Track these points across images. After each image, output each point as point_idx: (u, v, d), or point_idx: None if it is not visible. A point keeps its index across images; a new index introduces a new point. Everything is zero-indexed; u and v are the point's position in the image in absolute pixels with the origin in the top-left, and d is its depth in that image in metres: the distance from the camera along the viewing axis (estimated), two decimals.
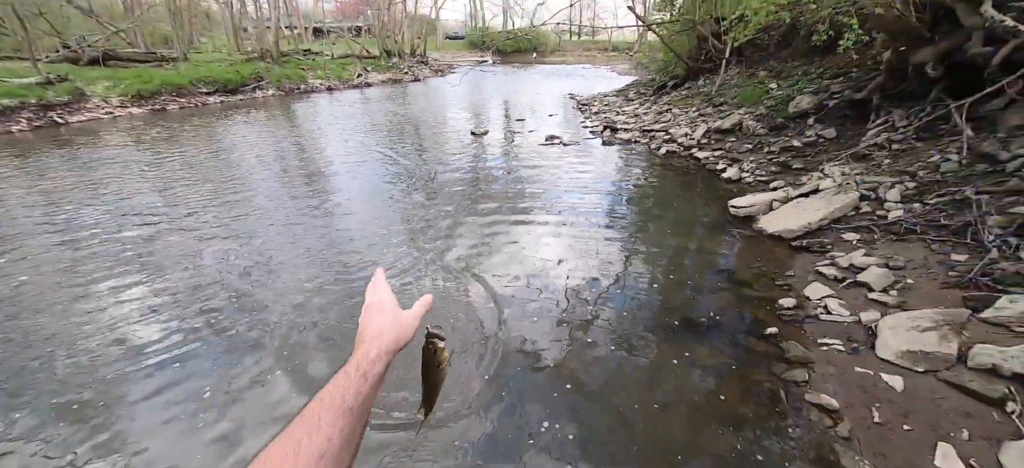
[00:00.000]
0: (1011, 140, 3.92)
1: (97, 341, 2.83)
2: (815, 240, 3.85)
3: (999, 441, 1.85)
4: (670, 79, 12.93)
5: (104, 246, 4.12)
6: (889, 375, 2.28)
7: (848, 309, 2.87)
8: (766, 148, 6.41)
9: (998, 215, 3.24)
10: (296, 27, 31.82)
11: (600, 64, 34.04)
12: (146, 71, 13.55)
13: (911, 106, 5.32)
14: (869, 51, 6.65)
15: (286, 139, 8.94)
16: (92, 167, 6.61)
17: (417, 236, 4.43)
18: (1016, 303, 2.45)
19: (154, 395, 2.43)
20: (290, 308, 3.19)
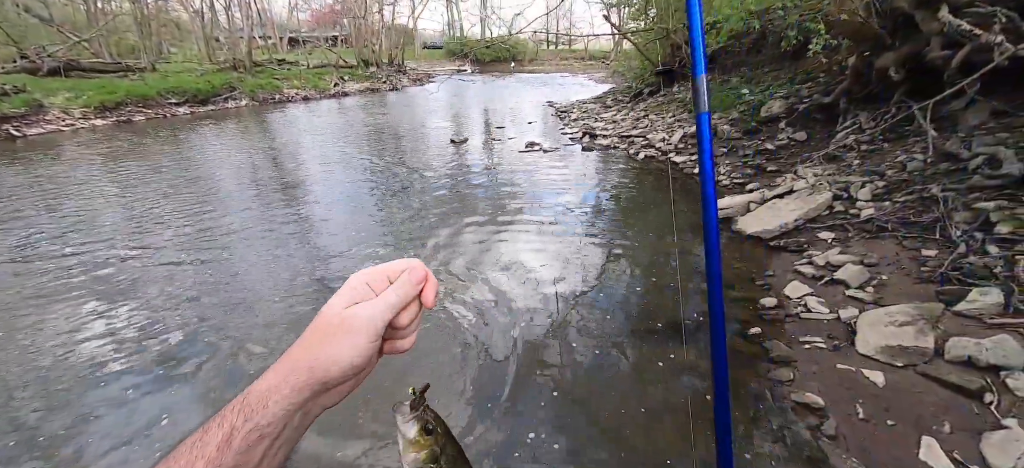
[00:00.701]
0: (972, 139, 4.07)
1: (48, 366, 2.63)
2: (792, 239, 3.91)
3: (980, 432, 1.87)
4: (646, 86, 13.18)
5: (57, 268, 3.87)
6: (870, 371, 2.29)
7: (827, 307, 2.90)
8: (741, 152, 6.54)
9: (964, 211, 3.35)
10: (270, 37, 31.26)
11: (578, 72, 34.53)
12: (110, 81, 13.05)
13: (877, 108, 5.51)
14: (836, 56, 6.89)
15: (259, 150, 8.69)
16: (48, 182, 6.27)
17: (397, 247, 4.32)
18: (986, 295, 2.52)
19: (107, 422, 2.26)
20: (259, 329, 3.04)
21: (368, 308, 0.42)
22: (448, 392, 2.44)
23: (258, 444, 0.37)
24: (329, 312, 0.42)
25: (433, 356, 2.72)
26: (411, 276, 0.46)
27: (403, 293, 0.45)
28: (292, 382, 0.39)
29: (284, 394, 0.39)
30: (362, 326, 0.41)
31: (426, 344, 2.81)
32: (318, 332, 0.42)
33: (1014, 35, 3.66)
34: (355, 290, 0.44)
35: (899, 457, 1.85)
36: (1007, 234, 2.97)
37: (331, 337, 0.41)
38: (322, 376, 0.40)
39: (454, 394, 2.43)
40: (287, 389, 0.39)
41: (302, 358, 0.40)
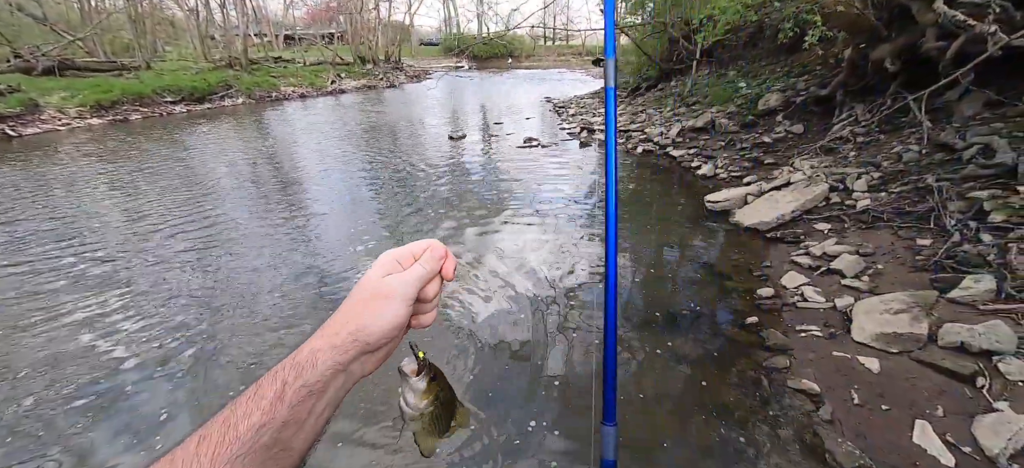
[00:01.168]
0: (966, 129, 4.11)
1: (48, 364, 2.65)
2: (789, 231, 3.94)
3: (972, 415, 1.90)
4: (644, 80, 13.17)
5: (55, 266, 3.88)
6: (865, 357, 2.33)
7: (823, 296, 2.94)
8: (738, 145, 6.57)
9: (958, 200, 3.38)
10: (266, 35, 31.10)
11: (575, 68, 34.47)
12: (106, 80, 12.98)
13: (872, 100, 5.54)
14: (832, 49, 6.91)
15: (257, 148, 8.68)
16: (45, 181, 6.25)
17: (397, 244, 4.34)
18: (979, 283, 2.55)
19: (107, 418, 2.28)
20: (259, 326, 3.06)
21: (401, 276, 0.47)
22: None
23: (307, 400, 0.40)
24: (366, 283, 0.47)
25: (432, 346, 2.74)
26: (433, 252, 0.50)
27: (429, 267, 0.49)
28: (336, 343, 0.43)
29: (329, 354, 0.42)
30: (398, 291, 0.46)
31: (424, 336, 2.83)
32: (358, 300, 0.46)
33: (1007, 25, 3.69)
34: (385, 265, 0.48)
35: (893, 440, 1.89)
36: (1000, 222, 3.01)
37: (370, 303, 0.45)
38: (364, 338, 0.44)
39: (453, 383, 2.45)
40: (332, 350, 0.42)
41: (345, 323, 0.44)
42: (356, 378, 0.46)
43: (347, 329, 0.44)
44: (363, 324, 0.44)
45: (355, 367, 0.45)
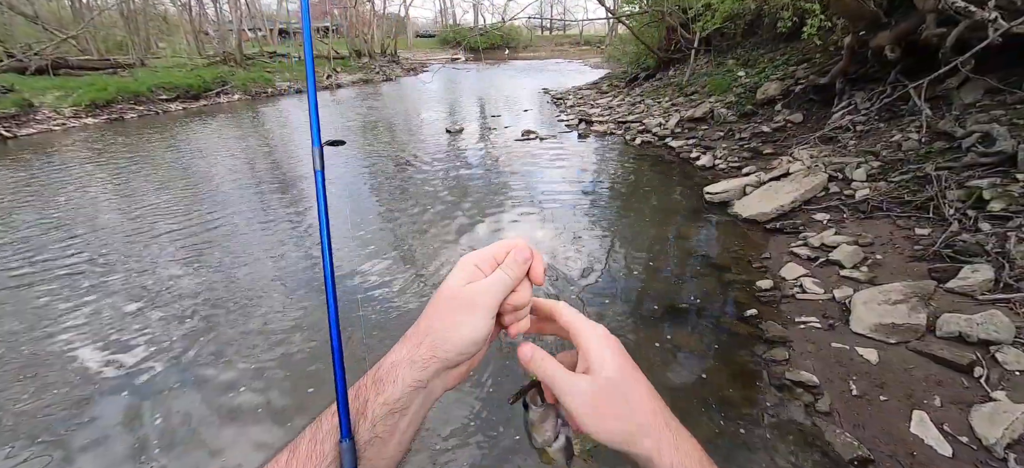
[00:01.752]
0: (966, 117, 4.10)
1: (42, 365, 2.66)
2: (788, 222, 3.94)
3: (969, 405, 1.92)
4: (642, 70, 13.10)
5: (56, 266, 3.88)
6: (864, 348, 2.34)
7: (822, 287, 2.95)
8: (737, 135, 6.55)
9: (957, 189, 3.38)
10: (260, 29, 30.84)
11: (572, 58, 34.24)
12: (100, 79, 12.88)
13: (872, 88, 5.52)
14: (831, 37, 6.86)
15: (254, 145, 8.64)
16: (43, 183, 6.23)
17: (395, 238, 4.33)
18: (978, 272, 2.56)
19: (103, 422, 2.29)
20: (256, 327, 3.07)
21: (483, 284, 0.43)
22: None
23: (388, 418, 0.39)
24: (447, 291, 0.43)
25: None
26: (517, 256, 0.45)
27: (513, 273, 0.44)
28: (415, 358, 0.41)
29: (409, 370, 0.40)
30: (479, 301, 0.42)
31: None
32: (437, 309, 0.43)
33: (1008, 12, 3.66)
34: (466, 271, 0.44)
35: (891, 431, 1.91)
36: (999, 211, 3.01)
37: (449, 314, 0.42)
38: (442, 354, 0.41)
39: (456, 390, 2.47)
40: (411, 365, 0.40)
41: (424, 334, 0.42)
42: (438, 395, 0.43)
43: (426, 342, 0.41)
44: (441, 337, 0.41)
45: (436, 383, 0.42)
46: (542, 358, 0.44)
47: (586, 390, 0.41)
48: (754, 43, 10.00)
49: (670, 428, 0.40)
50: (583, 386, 0.41)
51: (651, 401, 0.41)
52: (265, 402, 2.37)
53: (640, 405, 0.41)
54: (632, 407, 0.41)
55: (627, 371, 0.42)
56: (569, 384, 0.42)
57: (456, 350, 0.41)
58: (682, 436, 0.41)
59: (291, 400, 2.38)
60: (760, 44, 9.72)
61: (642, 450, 0.40)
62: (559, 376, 0.43)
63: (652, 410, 0.41)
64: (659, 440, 0.40)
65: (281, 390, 2.45)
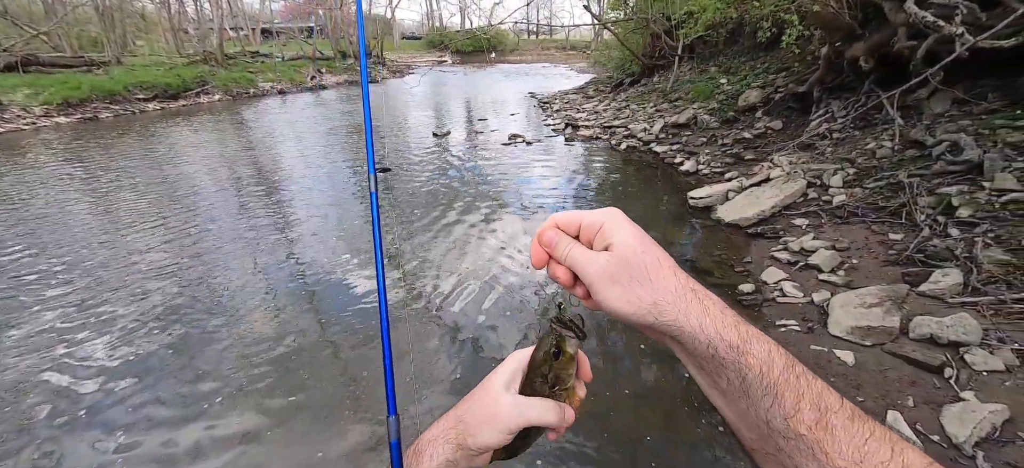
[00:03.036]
0: (935, 126, 4.26)
1: (12, 378, 2.56)
2: (768, 226, 4.04)
3: (940, 405, 1.99)
4: (627, 76, 13.28)
5: (23, 271, 3.74)
6: (841, 350, 2.41)
7: (801, 291, 3.03)
8: (720, 140, 6.69)
9: (928, 196, 3.52)
10: (242, 29, 30.29)
11: (559, 63, 34.48)
12: (73, 77, 12.48)
13: (848, 97, 5.70)
14: (808, 47, 7.06)
15: (235, 147, 8.47)
16: (9, 185, 6.00)
17: (383, 246, 4.30)
18: (948, 276, 2.66)
19: (81, 432, 2.22)
20: (234, 339, 3.01)
21: (519, 407, 0.47)
22: (435, 382, 2.47)
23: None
24: (489, 387, 0.48)
25: (420, 345, 2.74)
26: (564, 415, 0.49)
27: (548, 418, 0.48)
28: (448, 438, 0.47)
29: (442, 448, 0.46)
30: (505, 419, 0.46)
31: (415, 339, 2.83)
32: (473, 404, 0.49)
33: (974, 27, 3.82)
34: (510, 372, 0.49)
35: None
36: (967, 218, 3.14)
37: (480, 415, 0.47)
38: (466, 448, 0.47)
39: (442, 384, 2.46)
40: (445, 444, 0.47)
41: (457, 423, 0.48)
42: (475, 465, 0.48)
43: (457, 429, 0.47)
44: (467, 432, 0.47)
45: (468, 462, 0.47)
46: (564, 241, 0.43)
47: (606, 264, 0.40)
48: (736, 51, 10.23)
49: (696, 293, 0.39)
50: (602, 260, 0.40)
51: (671, 270, 0.40)
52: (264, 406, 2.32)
53: (660, 273, 0.39)
54: (652, 276, 0.39)
55: (645, 243, 0.40)
56: (589, 259, 0.41)
57: (478, 448, 0.46)
58: (710, 299, 0.39)
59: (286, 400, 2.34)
60: (742, 52, 9.95)
61: (668, 318, 0.38)
62: (579, 253, 0.42)
63: (673, 278, 0.39)
64: (685, 305, 0.38)
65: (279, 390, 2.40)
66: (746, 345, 0.36)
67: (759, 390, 0.36)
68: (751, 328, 0.38)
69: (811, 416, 0.34)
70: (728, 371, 0.37)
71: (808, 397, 0.35)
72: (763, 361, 0.36)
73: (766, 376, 0.36)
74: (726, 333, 0.37)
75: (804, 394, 0.35)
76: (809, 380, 0.35)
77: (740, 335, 0.37)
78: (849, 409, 0.34)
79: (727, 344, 0.37)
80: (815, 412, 0.34)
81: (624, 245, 0.40)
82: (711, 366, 0.38)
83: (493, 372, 0.49)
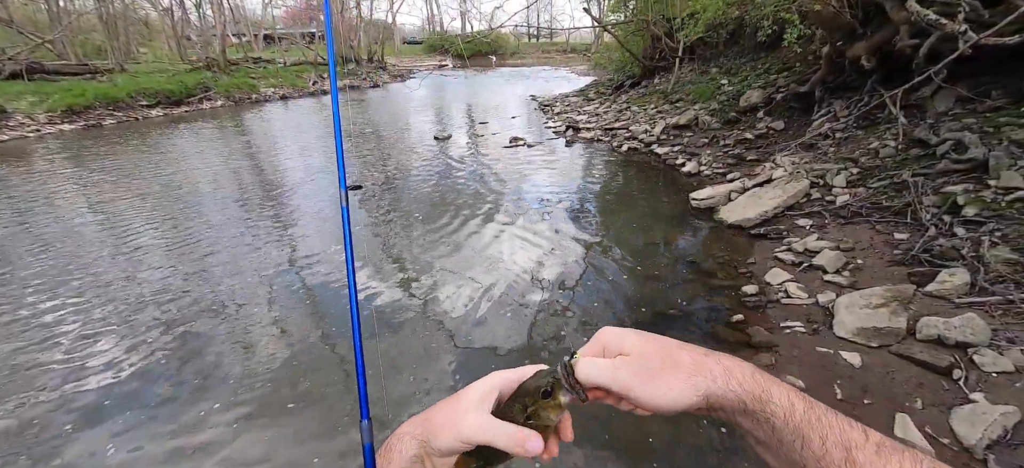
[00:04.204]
0: (939, 125, 4.23)
1: (20, 382, 2.56)
2: (772, 227, 4.01)
3: (949, 407, 1.96)
4: (628, 78, 13.26)
5: (29, 277, 3.74)
6: (847, 352, 2.38)
7: (806, 292, 3.00)
8: (721, 141, 6.66)
9: (933, 195, 3.48)
10: (244, 35, 30.46)
11: (559, 66, 34.51)
12: (77, 84, 12.55)
13: (850, 96, 5.67)
14: (810, 46, 7.04)
15: (238, 153, 8.49)
16: (15, 191, 6.03)
17: (382, 246, 4.29)
18: (954, 276, 2.63)
19: (82, 436, 2.21)
20: (239, 346, 3.00)
21: (479, 425, 0.46)
22: (438, 386, 2.45)
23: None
24: (462, 397, 0.49)
25: (423, 346, 2.72)
26: (527, 444, 0.45)
27: (507, 444, 0.45)
28: (415, 435, 0.49)
29: (408, 444, 0.48)
30: (466, 430, 0.46)
31: (417, 341, 2.81)
32: (445, 409, 0.49)
33: (977, 23, 3.80)
34: (486, 390, 0.48)
35: None
36: (973, 216, 3.10)
37: (447, 421, 0.47)
38: (430, 444, 0.48)
39: (438, 384, 2.44)
40: (410, 440, 0.48)
41: (426, 423, 0.49)
42: None
43: (424, 428, 0.48)
44: (434, 434, 0.47)
45: (435, 462, 0.48)
46: (587, 361, 0.47)
47: (629, 366, 0.43)
48: (736, 52, 10.21)
49: (709, 357, 0.42)
50: (625, 366, 0.44)
51: (682, 350, 0.44)
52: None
53: (678, 357, 0.43)
54: (673, 359, 0.43)
55: (650, 338, 0.45)
56: (613, 369, 0.44)
57: (437, 450, 0.47)
58: (727, 358, 0.43)
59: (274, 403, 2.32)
60: (742, 53, 9.93)
61: (703, 392, 0.41)
62: (604, 367, 0.45)
63: (688, 356, 0.43)
64: (709, 372, 0.41)
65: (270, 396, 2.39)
66: (767, 393, 0.39)
67: (788, 435, 0.38)
68: (767, 376, 0.41)
69: (839, 455, 0.35)
70: (760, 421, 0.39)
71: (832, 437, 0.36)
72: (785, 407, 0.38)
73: (790, 420, 0.38)
74: (748, 386, 0.40)
75: (828, 434, 0.36)
76: (830, 419, 0.37)
77: (760, 385, 0.40)
78: (874, 443, 0.36)
79: (753, 396, 0.39)
80: (842, 451, 0.35)
81: (637, 348, 0.44)
82: (747, 423, 0.40)
83: (471, 384, 0.49)
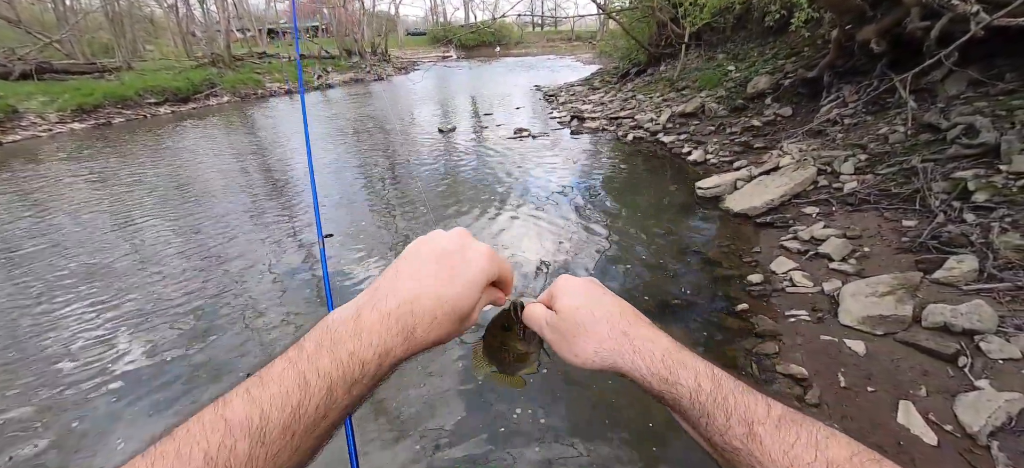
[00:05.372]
0: (950, 109, 4.16)
1: (39, 369, 2.64)
2: (778, 216, 3.99)
3: (954, 394, 1.96)
4: (633, 66, 13.12)
5: (46, 273, 3.84)
6: (852, 340, 2.38)
7: (811, 280, 2.99)
8: (728, 129, 6.60)
9: (942, 181, 3.44)
10: (248, 30, 30.51)
11: (564, 54, 34.21)
12: (86, 83, 12.70)
13: (859, 81, 5.58)
14: (818, 30, 6.92)
15: (245, 148, 8.57)
16: (30, 191, 6.15)
17: (387, 241, 4.33)
18: (962, 263, 2.61)
19: (100, 420, 2.29)
20: (251, 334, 3.06)
21: (477, 249, 0.45)
22: (442, 373, 2.49)
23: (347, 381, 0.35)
24: (433, 243, 0.44)
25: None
26: None
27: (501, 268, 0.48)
28: (393, 316, 0.39)
29: (382, 332, 0.37)
30: (476, 264, 0.44)
31: None
32: (427, 268, 0.42)
33: (990, 5, 3.71)
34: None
35: (878, 421, 1.95)
36: (983, 202, 3.07)
37: (445, 275, 0.42)
38: (424, 331, 0.40)
39: (445, 374, 2.48)
40: (384, 324, 0.37)
41: (403, 300, 0.39)
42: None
43: (407, 310, 0.38)
44: (429, 306, 0.39)
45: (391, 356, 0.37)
46: (529, 306, 0.51)
47: (556, 324, 0.47)
48: (743, 37, 10.05)
49: (627, 335, 0.43)
50: (554, 322, 0.48)
51: (607, 321, 0.45)
52: None
53: (596, 326, 0.45)
54: (589, 329, 0.45)
55: (586, 296, 0.47)
56: (545, 322, 0.49)
57: (443, 327, 0.40)
58: (640, 337, 0.43)
59: None
60: (750, 38, 9.77)
61: (608, 363, 0.44)
62: (539, 317, 0.49)
63: (606, 326, 0.44)
64: (618, 348, 0.43)
65: None
66: (673, 376, 0.40)
67: (694, 414, 0.39)
68: (680, 356, 0.41)
69: (741, 430, 0.36)
70: (667, 401, 0.41)
71: (736, 413, 0.37)
72: (692, 388, 0.39)
73: (696, 400, 0.38)
74: (655, 368, 0.41)
75: (732, 411, 0.37)
76: (738, 396, 0.38)
77: (668, 367, 0.40)
78: (776, 416, 0.36)
79: (659, 378, 0.40)
80: (744, 426, 0.36)
81: (568, 307, 0.47)
82: (663, 402, 0.42)
83: (431, 236, 0.46)
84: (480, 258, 0.44)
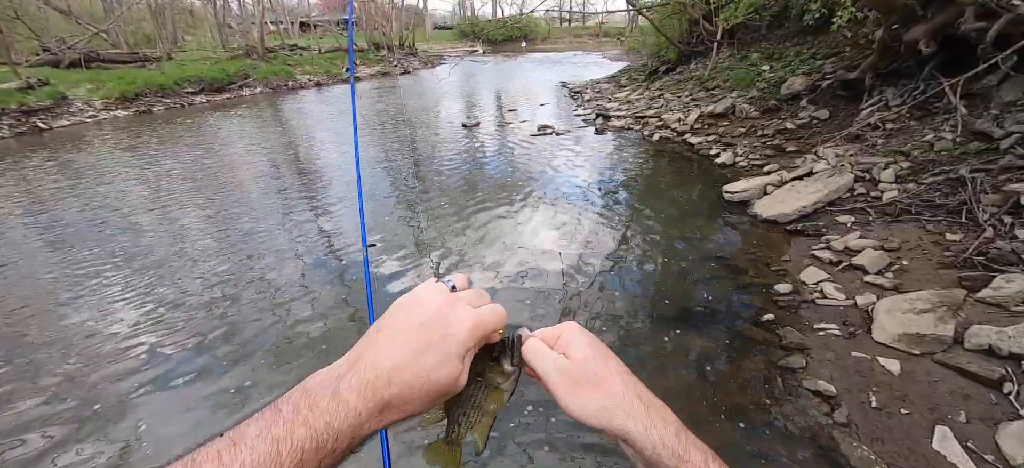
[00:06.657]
0: (1005, 116, 3.89)
1: (84, 349, 2.78)
2: (810, 223, 3.83)
3: (997, 422, 1.84)
4: (662, 64, 12.83)
5: (92, 254, 4.04)
6: (886, 359, 2.27)
7: (844, 293, 2.86)
8: (759, 131, 6.37)
9: (993, 193, 3.23)
10: (281, 22, 31.30)
11: (591, 50, 33.76)
12: (129, 72, 13.29)
13: (904, 84, 5.29)
14: (861, 30, 6.60)
15: (276, 137, 8.81)
16: (78, 173, 6.48)
17: (410, 232, 4.37)
18: (1012, 282, 2.44)
19: (143, 401, 2.39)
20: (280, 327, 3.14)
21: (459, 312, 0.42)
22: None
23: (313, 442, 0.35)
24: (411, 304, 0.42)
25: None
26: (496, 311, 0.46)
27: (494, 317, 0.45)
28: (365, 385, 0.38)
29: (357, 398, 0.36)
30: (454, 334, 0.41)
31: None
32: (396, 339, 0.40)
33: None
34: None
35: (912, 446, 1.84)
36: None
37: (418, 348, 0.40)
38: (403, 400, 0.39)
39: None
40: (359, 393, 0.37)
41: (375, 371, 0.38)
42: None
43: (383, 379, 0.37)
44: (404, 378, 0.38)
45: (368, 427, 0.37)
46: (534, 342, 0.48)
47: (564, 371, 0.45)
48: (780, 36, 9.67)
49: (641, 399, 0.43)
50: (563, 368, 0.45)
51: (621, 378, 0.44)
52: None
53: (610, 381, 0.44)
54: (603, 382, 0.44)
55: (599, 353, 0.46)
56: (552, 364, 0.46)
57: (420, 399, 0.39)
58: (655, 405, 0.43)
59: None
60: (786, 37, 9.39)
61: (617, 423, 0.42)
62: (545, 358, 0.46)
63: (620, 383, 0.44)
64: (632, 410, 0.42)
65: None
66: (686, 453, 0.40)
67: None
68: (690, 435, 0.42)
69: None
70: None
71: None
72: None
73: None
74: (668, 440, 0.40)
75: None
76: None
77: (681, 443, 0.41)
78: None
79: (670, 451, 0.40)
80: None
81: (579, 355, 0.45)
82: None
83: (406, 297, 0.44)
84: (461, 329, 0.41)
